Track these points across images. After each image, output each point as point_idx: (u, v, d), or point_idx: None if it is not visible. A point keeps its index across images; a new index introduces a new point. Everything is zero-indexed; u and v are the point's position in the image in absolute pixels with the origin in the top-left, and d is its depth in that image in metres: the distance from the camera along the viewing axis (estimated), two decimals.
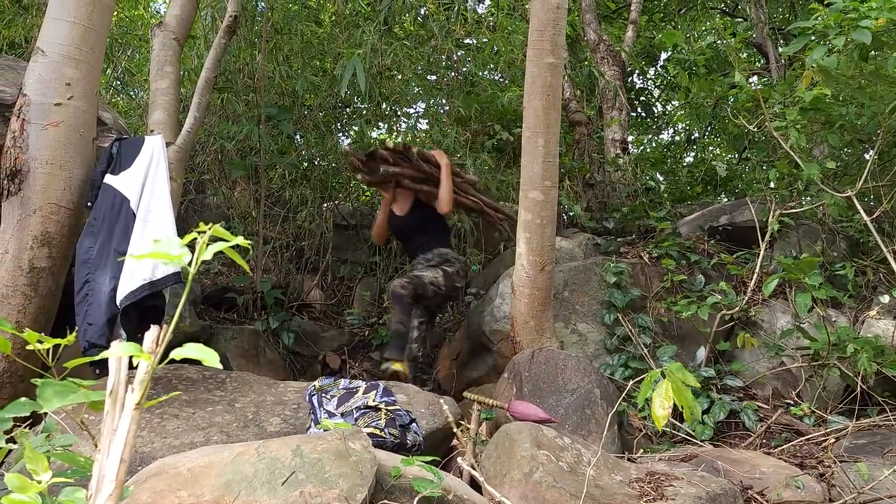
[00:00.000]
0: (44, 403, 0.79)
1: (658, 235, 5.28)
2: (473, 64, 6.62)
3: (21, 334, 0.94)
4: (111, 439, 0.72)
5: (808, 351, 3.92)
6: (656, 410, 1.55)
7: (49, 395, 0.78)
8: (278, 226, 5.95)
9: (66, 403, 0.78)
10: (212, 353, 0.74)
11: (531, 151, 3.79)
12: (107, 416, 0.74)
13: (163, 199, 3.02)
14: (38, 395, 0.81)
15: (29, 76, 2.96)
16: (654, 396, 1.54)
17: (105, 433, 0.73)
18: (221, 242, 0.75)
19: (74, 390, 0.80)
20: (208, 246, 0.76)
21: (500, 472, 2.52)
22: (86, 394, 0.80)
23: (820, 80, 4.26)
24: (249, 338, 4.62)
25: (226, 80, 5.46)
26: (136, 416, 0.73)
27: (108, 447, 0.71)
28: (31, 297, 2.86)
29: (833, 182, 4.94)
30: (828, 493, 2.82)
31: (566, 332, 4.26)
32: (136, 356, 0.75)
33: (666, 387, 1.52)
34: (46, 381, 0.82)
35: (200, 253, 0.74)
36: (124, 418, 0.72)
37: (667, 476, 2.56)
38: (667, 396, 1.52)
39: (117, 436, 0.71)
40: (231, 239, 0.76)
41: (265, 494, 1.78)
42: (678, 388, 1.52)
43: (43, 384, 0.81)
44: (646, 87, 10.63)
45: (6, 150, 2.92)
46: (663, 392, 1.52)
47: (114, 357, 0.77)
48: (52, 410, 1.55)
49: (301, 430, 2.78)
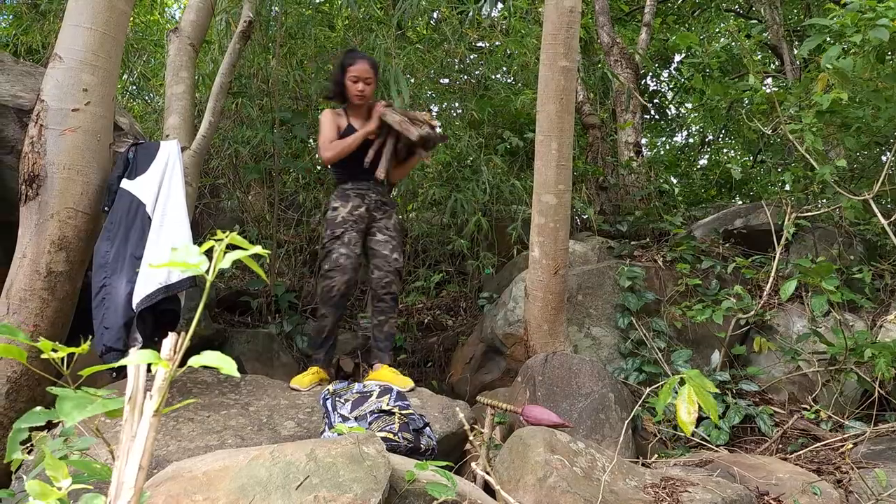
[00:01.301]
0: (65, 418, 0.79)
1: (672, 239, 5.25)
2: (486, 67, 6.63)
3: (35, 343, 0.95)
4: (130, 446, 0.72)
5: (825, 355, 3.88)
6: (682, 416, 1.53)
7: (68, 409, 0.79)
8: (292, 229, 5.98)
9: (85, 416, 0.79)
10: (229, 361, 0.74)
11: (544, 155, 3.79)
12: (125, 423, 0.75)
13: (178, 204, 3.05)
14: (57, 408, 0.81)
15: (47, 82, 2.99)
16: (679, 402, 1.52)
17: (124, 440, 0.73)
18: (239, 251, 0.75)
19: (92, 401, 0.80)
20: (225, 254, 0.76)
21: (513, 477, 2.51)
22: (104, 403, 0.80)
23: (836, 83, 4.23)
24: (264, 341, 4.65)
25: (240, 84, 5.49)
26: (154, 424, 0.73)
27: (126, 454, 0.72)
28: (48, 301, 2.88)
29: (850, 185, 4.91)
30: (845, 499, 2.79)
31: (580, 335, 4.24)
32: (155, 363, 0.76)
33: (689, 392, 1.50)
34: (65, 394, 0.83)
35: (218, 262, 0.74)
36: (143, 425, 0.73)
37: (682, 481, 2.55)
38: (690, 401, 1.51)
39: (136, 443, 0.72)
40: (249, 248, 0.76)
41: (280, 498, 1.79)
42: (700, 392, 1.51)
43: (61, 397, 0.82)
44: (659, 89, 10.59)
45: (24, 155, 2.95)
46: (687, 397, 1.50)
47: (132, 364, 0.78)
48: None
49: (315, 434, 2.79)
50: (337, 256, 3.54)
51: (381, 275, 3.65)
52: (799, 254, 4.77)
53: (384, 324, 3.64)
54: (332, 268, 3.54)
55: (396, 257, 3.70)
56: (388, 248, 3.68)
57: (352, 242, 3.59)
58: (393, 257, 3.68)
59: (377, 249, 3.68)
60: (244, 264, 5.65)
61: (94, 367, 0.95)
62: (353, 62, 3.71)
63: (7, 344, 0.88)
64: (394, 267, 3.67)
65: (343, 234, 3.59)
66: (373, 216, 3.69)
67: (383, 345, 3.64)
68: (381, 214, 3.72)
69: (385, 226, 3.72)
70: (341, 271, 3.52)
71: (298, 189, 6.20)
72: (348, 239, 3.58)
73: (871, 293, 4.32)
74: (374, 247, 3.69)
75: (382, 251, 3.67)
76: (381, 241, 3.69)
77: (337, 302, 3.54)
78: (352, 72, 3.68)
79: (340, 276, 3.51)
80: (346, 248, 3.56)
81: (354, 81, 3.67)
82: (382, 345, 3.64)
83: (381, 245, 3.68)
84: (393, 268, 3.67)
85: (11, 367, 2.82)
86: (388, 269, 3.66)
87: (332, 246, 3.58)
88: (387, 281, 3.65)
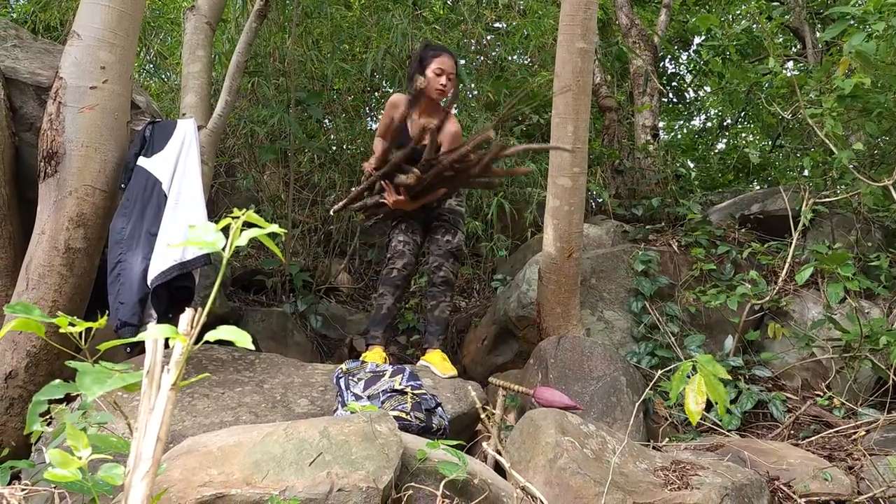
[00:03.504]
0: (85, 393, 0.81)
1: (688, 223, 5.22)
2: (503, 48, 6.58)
3: (53, 320, 0.96)
4: (148, 419, 0.74)
5: (840, 342, 3.86)
6: (690, 405, 1.53)
7: (89, 383, 0.80)
8: (307, 209, 6.00)
9: (105, 390, 0.80)
10: (244, 335, 0.76)
11: (561, 138, 3.77)
12: (144, 396, 0.76)
13: (194, 182, 3.07)
14: (77, 383, 0.83)
15: (65, 59, 3.00)
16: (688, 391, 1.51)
17: (142, 413, 0.75)
18: (255, 229, 0.76)
19: (111, 376, 0.82)
20: (242, 232, 0.77)
21: (524, 458, 2.53)
22: (122, 378, 0.82)
23: (857, 67, 4.17)
24: (278, 320, 4.68)
25: (256, 64, 5.49)
26: (172, 397, 0.75)
27: (145, 426, 0.73)
28: (66, 277, 2.92)
29: (869, 171, 4.84)
30: (856, 485, 2.78)
31: (593, 319, 4.24)
32: (172, 338, 0.77)
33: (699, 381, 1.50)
34: (84, 368, 0.84)
35: (234, 239, 0.75)
36: (161, 398, 0.74)
37: (692, 465, 2.55)
38: (699, 391, 1.50)
39: (154, 415, 0.73)
40: (265, 226, 0.77)
41: (293, 474, 1.81)
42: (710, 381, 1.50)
43: (81, 372, 0.84)
44: (678, 72, 10.46)
45: (43, 132, 2.97)
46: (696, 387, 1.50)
47: (150, 339, 0.79)
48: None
49: (328, 412, 2.82)
50: (395, 244, 3.66)
51: (432, 259, 3.68)
52: (816, 240, 4.73)
53: (435, 308, 3.64)
54: (391, 255, 3.66)
55: (448, 239, 3.68)
56: (440, 232, 3.69)
57: (409, 229, 3.68)
58: (445, 240, 3.67)
59: (432, 235, 3.72)
60: (259, 243, 5.69)
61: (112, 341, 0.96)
62: (438, 54, 3.59)
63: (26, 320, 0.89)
64: (444, 250, 3.66)
65: (400, 222, 3.69)
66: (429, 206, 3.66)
67: (433, 329, 3.63)
68: (437, 203, 3.68)
69: (439, 213, 3.72)
70: (399, 256, 3.63)
71: (314, 169, 6.21)
72: (405, 226, 3.68)
73: (887, 281, 4.27)
74: (431, 234, 3.74)
75: (435, 235, 3.70)
76: (436, 226, 3.72)
77: (395, 282, 3.62)
78: (436, 64, 3.54)
79: (400, 260, 3.62)
80: (403, 235, 3.67)
81: (438, 74, 3.54)
82: (433, 329, 3.63)
83: (435, 230, 3.71)
84: (444, 250, 3.65)
85: (31, 342, 2.86)
86: (439, 252, 3.65)
87: (392, 234, 3.72)
88: (437, 265, 3.65)
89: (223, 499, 1.71)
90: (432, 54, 3.59)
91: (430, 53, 3.60)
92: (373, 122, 6.82)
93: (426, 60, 3.57)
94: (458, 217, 3.78)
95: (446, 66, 3.55)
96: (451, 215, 3.74)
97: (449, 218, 3.72)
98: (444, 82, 3.54)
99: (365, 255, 6.10)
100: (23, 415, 2.85)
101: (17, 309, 0.99)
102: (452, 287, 3.77)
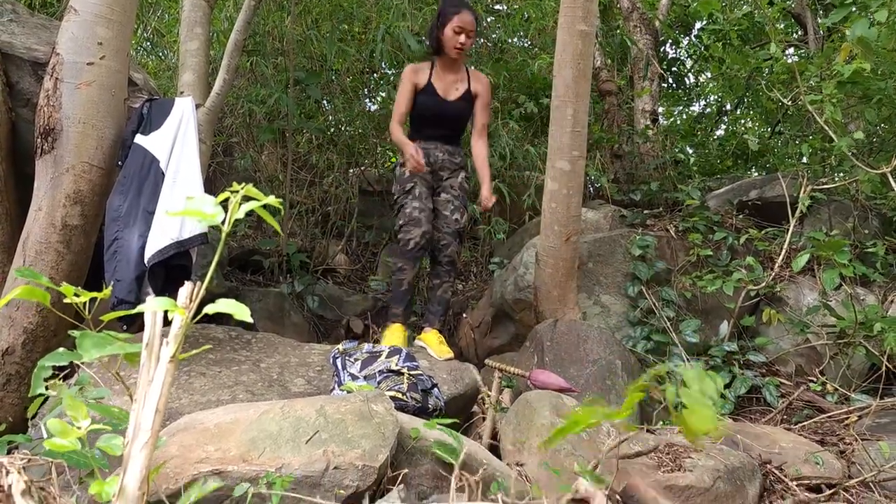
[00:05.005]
0: (83, 354, 0.81)
1: (686, 209, 5.23)
2: (503, 31, 6.54)
3: (58, 287, 0.97)
4: (147, 390, 0.74)
5: (834, 329, 3.88)
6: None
7: (88, 345, 0.81)
8: (305, 190, 5.98)
9: (104, 354, 0.81)
10: (243, 308, 0.76)
11: (560, 120, 3.76)
12: (143, 367, 0.77)
13: (192, 161, 3.05)
14: (77, 345, 0.84)
15: (62, 35, 2.98)
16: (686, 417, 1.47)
17: (141, 384, 0.75)
18: (253, 202, 0.76)
19: (112, 342, 0.82)
20: (240, 205, 0.77)
21: (519, 439, 2.54)
22: (122, 346, 0.82)
23: (859, 53, 4.15)
24: (275, 300, 4.69)
25: (255, 42, 5.45)
26: (171, 369, 0.75)
27: (143, 397, 0.73)
28: (63, 255, 2.91)
29: (868, 158, 4.84)
30: (847, 469, 2.81)
31: (589, 303, 4.25)
32: (171, 310, 0.77)
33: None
34: (85, 333, 0.85)
35: (233, 212, 0.75)
36: (160, 370, 0.74)
37: (685, 448, 2.57)
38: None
39: (153, 387, 0.74)
40: (262, 198, 0.77)
41: (289, 452, 1.83)
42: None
43: (82, 335, 0.84)
44: (678, 57, 10.42)
45: (40, 108, 2.95)
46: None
47: (149, 311, 0.79)
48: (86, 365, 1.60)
49: (324, 392, 2.83)
50: (410, 210, 3.48)
51: (439, 237, 3.59)
52: (813, 227, 4.74)
53: (438, 288, 3.60)
54: (405, 222, 3.48)
55: (457, 218, 3.62)
56: (448, 209, 3.62)
57: (423, 196, 3.52)
58: (453, 218, 3.61)
59: (439, 210, 3.62)
60: (257, 223, 5.67)
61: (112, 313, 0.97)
62: (458, 10, 3.50)
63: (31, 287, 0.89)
64: (453, 228, 3.60)
65: (413, 188, 3.53)
66: (438, 175, 3.62)
67: (434, 308, 3.59)
68: (447, 174, 3.65)
69: (451, 185, 3.65)
70: (415, 223, 3.46)
71: (312, 150, 6.19)
72: (419, 192, 3.51)
73: (883, 268, 4.29)
74: (437, 207, 3.62)
75: (443, 211, 3.61)
76: (444, 200, 3.63)
77: (415, 254, 3.49)
78: (456, 21, 3.47)
79: (416, 229, 3.45)
80: (418, 202, 3.49)
81: (458, 32, 3.47)
82: (434, 308, 3.60)
83: (443, 205, 3.63)
84: (452, 229, 3.60)
85: (28, 318, 2.86)
86: (447, 230, 3.59)
87: (404, 200, 3.53)
88: (444, 243, 3.59)
89: (220, 475, 1.72)
90: (453, 10, 3.51)
91: (450, 10, 3.52)
92: (371, 104, 6.79)
93: (446, 16, 3.51)
94: (466, 196, 3.77)
95: (466, 23, 3.48)
96: (461, 192, 3.68)
97: (459, 194, 3.67)
98: (462, 40, 3.49)
99: (363, 237, 6.10)
100: (20, 391, 2.86)
101: (25, 273, 1.00)
102: (456, 268, 3.74)
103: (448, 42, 3.48)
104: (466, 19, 3.49)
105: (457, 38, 3.47)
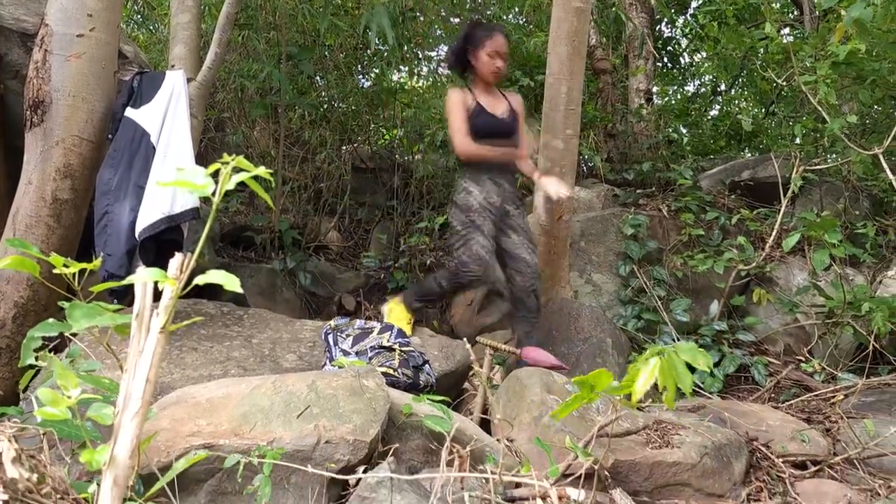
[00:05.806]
0: (73, 323, 0.81)
1: (678, 189, 5.24)
2: (498, 7, 6.48)
3: (48, 258, 0.96)
4: (137, 360, 0.74)
5: (823, 308, 3.92)
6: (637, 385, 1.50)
7: (78, 315, 0.81)
8: (297, 167, 5.95)
9: (94, 324, 0.81)
10: (233, 279, 0.76)
11: (553, 98, 3.74)
12: (133, 338, 0.77)
13: (183, 135, 3.03)
14: (67, 315, 0.84)
15: (51, 6, 2.94)
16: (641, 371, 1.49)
17: (131, 354, 0.75)
18: (244, 173, 0.76)
19: (102, 313, 0.82)
20: (231, 177, 0.77)
21: (509, 416, 2.56)
22: (113, 317, 0.82)
23: (854, 34, 4.14)
24: (267, 277, 4.69)
25: (247, 16, 5.39)
26: (161, 340, 0.75)
27: (134, 368, 0.74)
28: (54, 229, 2.90)
29: (860, 139, 4.85)
30: (832, 447, 2.85)
31: (581, 281, 4.27)
32: (161, 281, 0.77)
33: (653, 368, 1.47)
34: (75, 303, 0.85)
35: (224, 182, 0.75)
36: (150, 340, 0.74)
37: (673, 425, 2.60)
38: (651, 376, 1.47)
39: (143, 357, 0.74)
40: (253, 170, 0.76)
41: (280, 426, 1.84)
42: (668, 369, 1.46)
43: (72, 306, 0.84)
44: (673, 36, 10.36)
45: (29, 80, 2.92)
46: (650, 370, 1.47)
47: (139, 282, 0.79)
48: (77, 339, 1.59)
49: (316, 368, 2.84)
50: (478, 249, 3.30)
51: (523, 280, 3.44)
52: (804, 207, 4.76)
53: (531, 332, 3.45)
54: (470, 258, 3.30)
55: (535, 260, 3.51)
56: (527, 252, 3.47)
57: (490, 234, 3.37)
58: (534, 261, 3.48)
59: (517, 253, 3.46)
60: (249, 199, 5.63)
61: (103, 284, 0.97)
62: (490, 34, 3.42)
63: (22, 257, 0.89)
64: (534, 270, 3.48)
65: (482, 223, 3.36)
66: (506, 209, 3.48)
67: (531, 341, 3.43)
68: (513, 209, 3.51)
69: (520, 224, 3.50)
70: (480, 263, 3.29)
71: (304, 126, 6.16)
72: (487, 230, 3.36)
73: (873, 249, 4.32)
74: (510, 249, 3.47)
75: (522, 255, 3.45)
76: (518, 242, 3.48)
77: (468, 287, 3.48)
78: (491, 46, 3.39)
79: (479, 269, 3.30)
80: (486, 240, 3.33)
81: (493, 57, 3.40)
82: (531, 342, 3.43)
83: (519, 248, 3.47)
84: (534, 271, 3.48)
85: (18, 293, 2.85)
86: (530, 272, 3.45)
87: (472, 235, 3.34)
88: (532, 289, 3.45)
89: (211, 448, 1.73)
90: (485, 35, 3.43)
91: (482, 34, 3.44)
92: (365, 80, 6.74)
93: (479, 40, 3.43)
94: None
95: (500, 45, 3.42)
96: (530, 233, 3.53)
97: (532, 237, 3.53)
98: (499, 64, 3.42)
99: (355, 214, 6.09)
100: (10, 365, 2.85)
101: (15, 243, 0.99)
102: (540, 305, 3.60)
103: (484, 67, 3.42)
104: (500, 42, 3.43)
105: (493, 63, 3.41)
